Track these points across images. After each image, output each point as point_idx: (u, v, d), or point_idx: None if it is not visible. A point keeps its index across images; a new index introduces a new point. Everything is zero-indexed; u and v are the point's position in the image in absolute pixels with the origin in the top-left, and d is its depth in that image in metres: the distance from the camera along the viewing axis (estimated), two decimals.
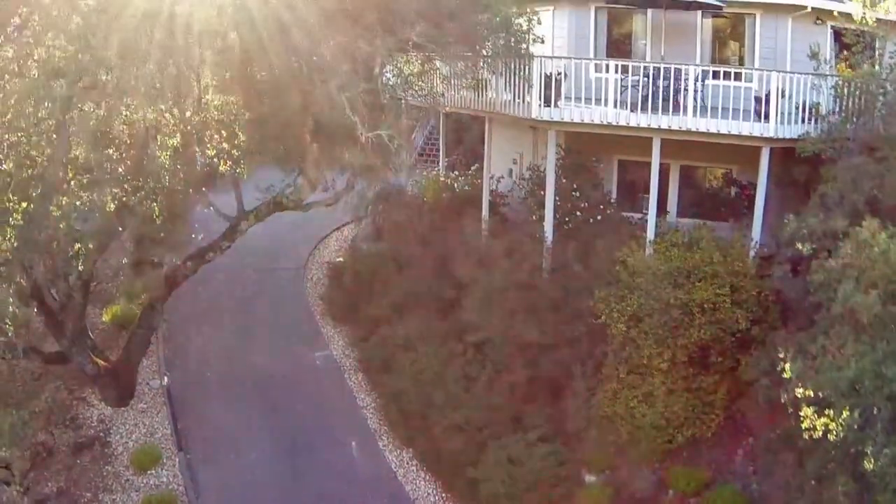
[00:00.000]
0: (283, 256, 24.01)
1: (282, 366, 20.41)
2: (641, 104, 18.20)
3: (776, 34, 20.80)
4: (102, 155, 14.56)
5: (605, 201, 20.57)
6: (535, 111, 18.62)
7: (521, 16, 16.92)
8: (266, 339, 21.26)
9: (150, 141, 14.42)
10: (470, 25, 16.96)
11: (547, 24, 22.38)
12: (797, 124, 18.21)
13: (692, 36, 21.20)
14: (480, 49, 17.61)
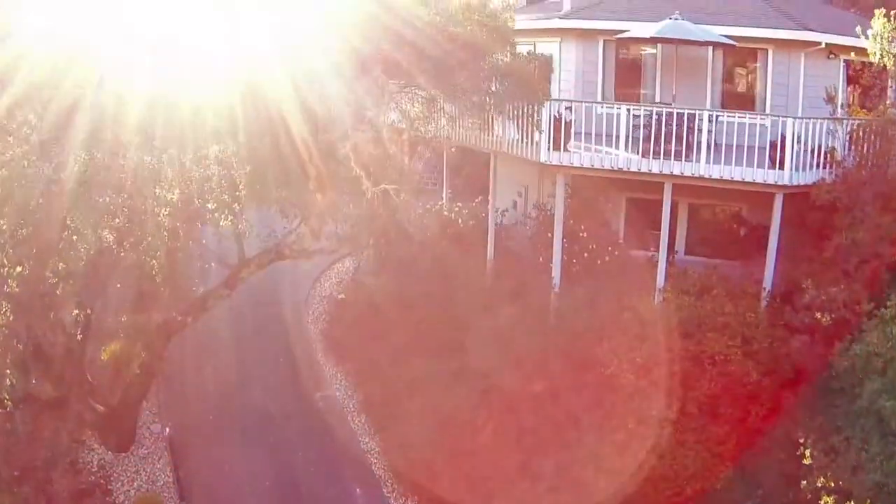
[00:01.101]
0: (283, 289, 23.62)
1: (283, 406, 20.03)
2: (653, 150, 17.80)
3: (789, 69, 20.42)
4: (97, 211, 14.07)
5: (613, 241, 20.22)
6: (544, 155, 18.25)
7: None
8: (267, 378, 20.88)
9: (148, 198, 13.93)
10: (477, 71, 16.56)
11: (553, 55, 22.04)
12: (812, 170, 17.87)
13: (703, 70, 20.80)
14: (487, 90, 17.16)
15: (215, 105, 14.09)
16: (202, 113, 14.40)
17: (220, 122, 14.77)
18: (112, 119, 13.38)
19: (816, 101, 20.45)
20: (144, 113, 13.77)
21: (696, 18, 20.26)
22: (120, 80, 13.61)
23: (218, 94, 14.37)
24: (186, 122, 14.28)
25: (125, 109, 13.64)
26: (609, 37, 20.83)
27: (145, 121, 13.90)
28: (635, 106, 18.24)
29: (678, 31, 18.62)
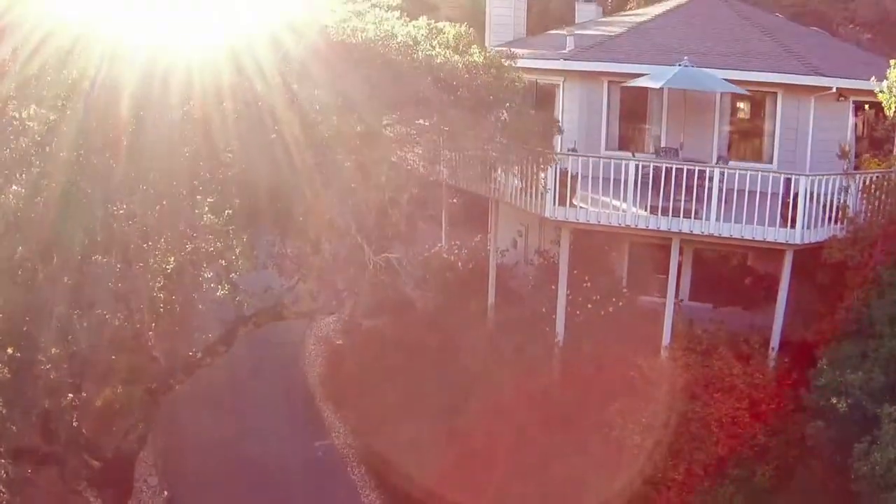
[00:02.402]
0: (280, 329, 23.13)
1: (282, 457, 19.65)
2: (662, 207, 17.35)
3: (798, 112, 19.93)
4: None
5: (617, 288, 19.79)
6: (549, 210, 17.79)
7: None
8: (264, 427, 20.49)
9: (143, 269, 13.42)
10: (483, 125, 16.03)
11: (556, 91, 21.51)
12: (823, 227, 17.48)
13: (711, 112, 20.30)
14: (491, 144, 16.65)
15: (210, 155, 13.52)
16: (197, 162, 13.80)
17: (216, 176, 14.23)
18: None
19: (826, 145, 20.05)
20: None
21: (704, 61, 19.77)
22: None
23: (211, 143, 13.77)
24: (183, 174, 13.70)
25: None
26: (614, 78, 20.30)
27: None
28: (644, 160, 17.69)
29: (688, 82, 18.12)
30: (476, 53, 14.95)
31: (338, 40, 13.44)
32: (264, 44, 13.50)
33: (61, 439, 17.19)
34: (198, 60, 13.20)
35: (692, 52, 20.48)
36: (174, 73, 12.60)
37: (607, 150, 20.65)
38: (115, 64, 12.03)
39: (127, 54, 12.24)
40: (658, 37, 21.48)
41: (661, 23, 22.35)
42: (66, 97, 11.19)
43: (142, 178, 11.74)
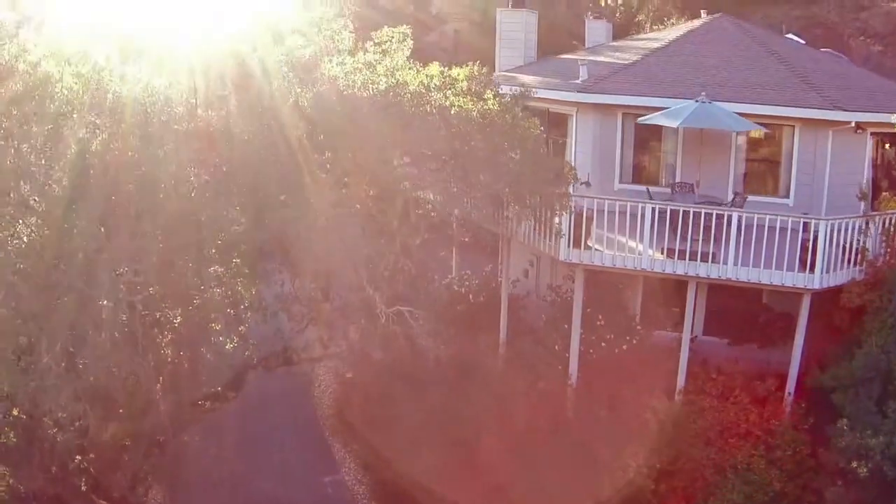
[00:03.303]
0: None
1: (291, 493, 19.44)
2: (679, 251, 17.06)
3: (816, 146, 19.57)
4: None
5: (630, 325, 19.51)
6: (563, 252, 17.49)
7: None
8: (273, 460, 20.27)
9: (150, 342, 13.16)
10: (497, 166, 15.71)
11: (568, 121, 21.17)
12: (842, 270, 17.18)
13: (727, 147, 19.91)
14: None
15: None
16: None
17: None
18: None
19: (843, 178, 19.74)
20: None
21: (721, 93, 19.42)
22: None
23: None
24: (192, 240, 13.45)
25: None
26: (629, 110, 19.94)
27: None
28: (660, 204, 17.35)
29: (706, 120, 17.75)
30: (490, 99, 14.59)
31: (348, 93, 13.11)
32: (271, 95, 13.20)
33: (67, 482, 17.04)
34: (203, 105, 12.94)
35: (708, 83, 20.13)
36: (180, 124, 12.34)
37: (621, 183, 20.32)
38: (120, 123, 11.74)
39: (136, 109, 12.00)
40: (673, 66, 21.09)
41: (676, 50, 21.94)
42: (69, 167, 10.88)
43: (150, 248, 11.45)
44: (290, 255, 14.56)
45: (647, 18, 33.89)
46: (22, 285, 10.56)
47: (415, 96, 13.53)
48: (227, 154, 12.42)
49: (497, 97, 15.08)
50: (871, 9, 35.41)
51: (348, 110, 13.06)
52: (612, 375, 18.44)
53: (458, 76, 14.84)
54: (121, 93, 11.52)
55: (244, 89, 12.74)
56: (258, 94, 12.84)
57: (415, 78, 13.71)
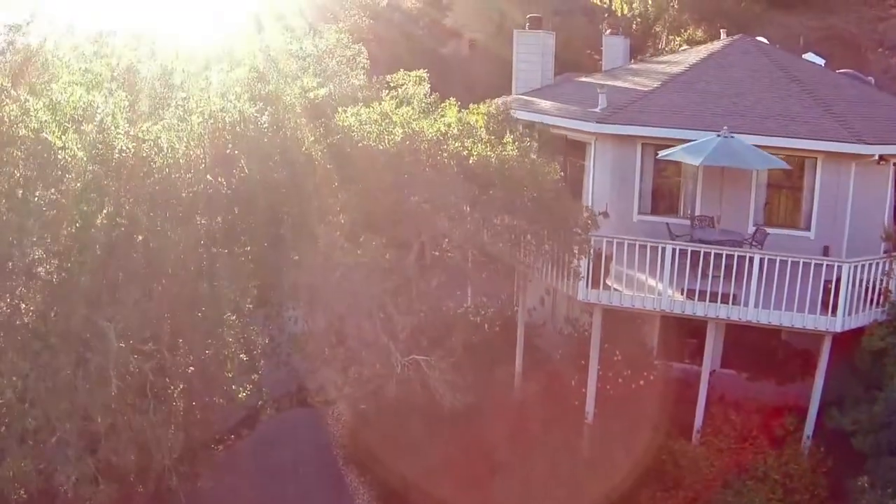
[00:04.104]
0: None
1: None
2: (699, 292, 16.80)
3: (838, 178, 19.22)
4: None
5: (648, 361, 19.29)
6: (582, 293, 17.25)
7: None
8: (289, 491, 20.17)
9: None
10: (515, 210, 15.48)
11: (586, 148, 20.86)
12: (865, 312, 16.91)
13: (748, 177, 19.58)
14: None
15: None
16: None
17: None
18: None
19: (865, 211, 19.42)
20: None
21: (742, 124, 19.10)
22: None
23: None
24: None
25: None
26: (648, 140, 19.63)
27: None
28: (681, 245, 17.08)
29: (728, 157, 17.43)
30: (510, 144, 14.32)
31: (363, 145, 12.87)
32: (284, 148, 12.98)
33: None
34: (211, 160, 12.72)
35: (729, 112, 19.79)
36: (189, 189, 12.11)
37: (640, 214, 20.05)
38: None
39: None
40: (693, 93, 20.74)
41: (696, 75, 21.56)
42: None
43: (159, 312, 11.27)
44: (303, 297, 14.35)
45: (664, 28, 33.44)
46: (24, 364, 10.39)
47: (432, 145, 13.27)
48: (238, 208, 12.18)
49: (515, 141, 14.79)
50: (889, 20, 34.91)
51: (364, 162, 12.82)
52: (628, 413, 18.22)
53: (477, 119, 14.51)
54: (127, 151, 11.28)
55: (255, 145, 12.46)
56: (269, 149, 12.57)
57: (431, 126, 13.44)
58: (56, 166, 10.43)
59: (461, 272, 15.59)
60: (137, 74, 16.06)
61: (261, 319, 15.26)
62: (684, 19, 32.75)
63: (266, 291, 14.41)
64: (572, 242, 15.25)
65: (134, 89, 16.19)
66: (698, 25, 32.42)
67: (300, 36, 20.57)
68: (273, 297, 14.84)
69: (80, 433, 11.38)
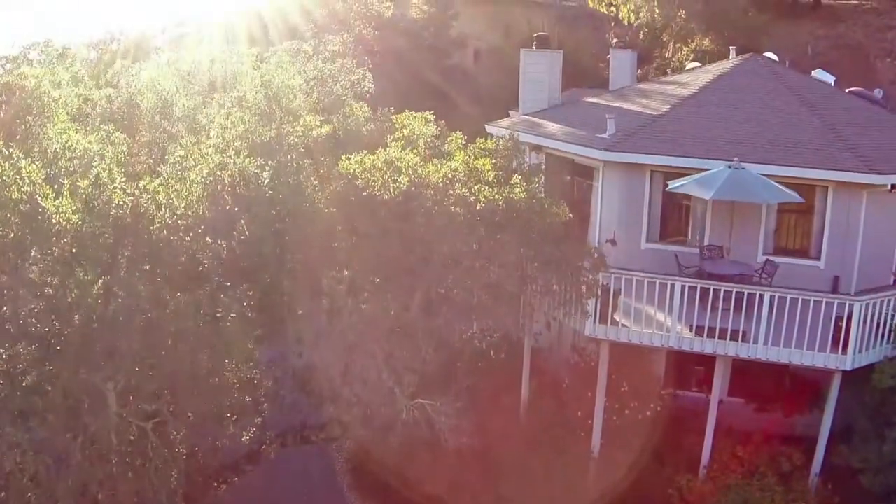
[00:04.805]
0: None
1: None
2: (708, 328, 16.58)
3: (849, 207, 18.94)
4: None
5: (655, 391, 19.08)
6: (589, 328, 17.03)
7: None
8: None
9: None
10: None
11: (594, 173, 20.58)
12: (875, 348, 16.68)
13: (758, 205, 19.25)
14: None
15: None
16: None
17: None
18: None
19: (876, 239, 19.15)
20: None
21: (752, 153, 18.83)
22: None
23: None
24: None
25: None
26: (657, 168, 19.35)
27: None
28: (690, 282, 16.84)
29: (739, 191, 17.17)
30: (518, 187, 14.04)
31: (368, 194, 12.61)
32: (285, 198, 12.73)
33: None
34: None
35: (739, 139, 19.50)
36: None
37: (648, 242, 19.79)
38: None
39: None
40: (702, 119, 20.42)
41: (705, 99, 21.25)
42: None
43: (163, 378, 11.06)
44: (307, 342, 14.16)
45: (671, 38, 33.06)
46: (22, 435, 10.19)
47: (438, 191, 13.01)
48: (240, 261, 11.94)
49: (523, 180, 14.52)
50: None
51: (368, 210, 12.56)
52: (635, 445, 18.04)
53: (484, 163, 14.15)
54: (125, 206, 11.03)
55: (256, 203, 12.20)
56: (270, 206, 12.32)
57: (438, 171, 13.16)
58: (50, 231, 10.18)
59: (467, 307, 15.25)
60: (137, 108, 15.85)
61: (265, 360, 15.05)
62: (692, 29, 32.39)
63: (270, 335, 14.20)
64: (580, 284, 14.96)
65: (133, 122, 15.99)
66: (706, 35, 32.06)
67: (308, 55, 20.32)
68: (277, 342, 14.62)
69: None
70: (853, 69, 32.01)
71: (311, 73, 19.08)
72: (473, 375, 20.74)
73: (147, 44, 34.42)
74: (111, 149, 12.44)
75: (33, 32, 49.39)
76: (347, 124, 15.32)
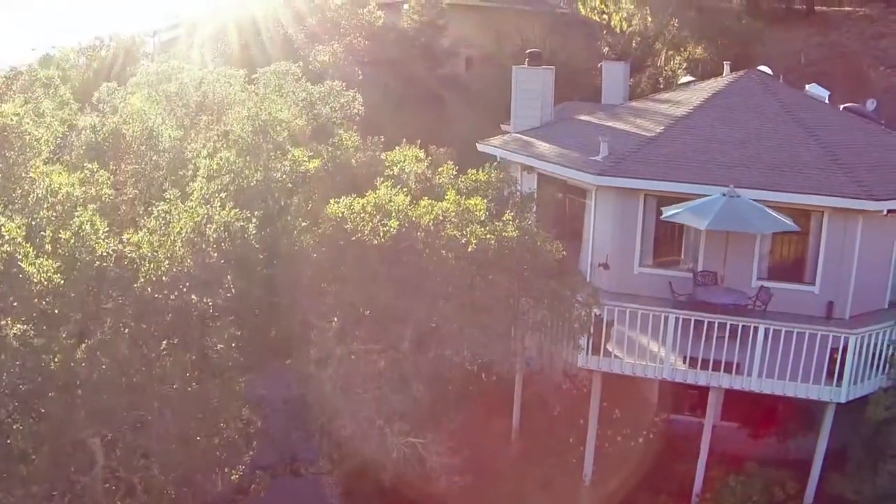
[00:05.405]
0: None
1: None
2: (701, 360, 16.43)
3: (845, 232, 18.78)
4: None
5: (647, 417, 18.93)
6: (582, 359, 16.86)
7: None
8: None
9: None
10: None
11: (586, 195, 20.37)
12: (870, 380, 16.56)
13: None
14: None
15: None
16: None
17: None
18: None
19: (871, 264, 19.02)
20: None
21: (747, 177, 18.70)
22: None
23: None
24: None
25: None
26: (651, 192, 19.13)
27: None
28: (684, 314, 16.66)
29: (734, 221, 17.02)
30: (510, 226, 13.79)
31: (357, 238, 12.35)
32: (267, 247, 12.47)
33: None
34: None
35: (734, 163, 19.30)
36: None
37: (641, 266, 19.60)
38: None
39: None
40: (697, 141, 20.18)
41: (700, 119, 21.01)
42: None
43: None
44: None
45: (664, 46, 32.75)
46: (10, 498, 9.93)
47: (428, 234, 12.76)
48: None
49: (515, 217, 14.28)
50: (891, 36, 34.27)
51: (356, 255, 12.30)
52: (627, 473, 17.93)
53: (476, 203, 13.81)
54: (108, 257, 10.74)
55: (242, 257, 11.91)
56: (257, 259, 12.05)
57: (429, 212, 12.89)
58: (32, 291, 9.90)
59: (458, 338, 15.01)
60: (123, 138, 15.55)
61: (255, 395, 14.83)
62: (684, 37, 32.12)
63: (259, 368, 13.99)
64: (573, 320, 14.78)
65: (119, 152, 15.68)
66: (699, 43, 31.81)
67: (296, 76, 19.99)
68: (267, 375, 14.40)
69: None
70: (846, 79, 31.79)
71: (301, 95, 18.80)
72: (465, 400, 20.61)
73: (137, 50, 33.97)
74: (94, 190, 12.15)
75: (26, 36, 48.95)
76: (336, 156, 15.02)
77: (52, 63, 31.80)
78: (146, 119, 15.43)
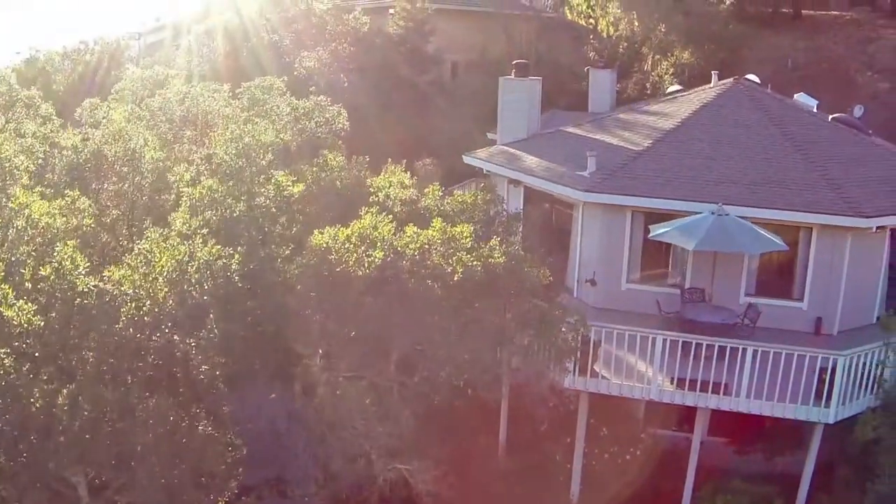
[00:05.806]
0: None
1: None
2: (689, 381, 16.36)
3: (833, 249, 18.78)
4: None
5: (634, 433, 18.87)
6: (568, 380, 16.76)
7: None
8: None
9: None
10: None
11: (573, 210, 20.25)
12: (858, 400, 16.54)
13: None
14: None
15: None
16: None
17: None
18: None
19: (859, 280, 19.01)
20: None
21: (735, 193, 18.63)
22: None
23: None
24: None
25: None
26: (638, 208, 19.03)
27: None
28: (672, 335, 16.58)
29: (722, 240, 16.90)
30: (497, 252, 13.65)
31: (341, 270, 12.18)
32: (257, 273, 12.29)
33: None
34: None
35: (722, 179, 19.23)
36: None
37: (628, 282, 19.53)
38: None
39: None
40: (685, 156, 20.09)
41: (688, 132, 20.90)
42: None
43: None
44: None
45: (651, 51, 32.62)
46: None
47: (413, 263, 12.60)
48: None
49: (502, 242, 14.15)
50: (878, 41, 34.27)
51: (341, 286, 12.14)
52: (614, 491, 17.86)
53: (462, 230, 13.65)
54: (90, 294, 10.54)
55: (225, 294, 11.72)
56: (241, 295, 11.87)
57: (415, 241, 12.73)
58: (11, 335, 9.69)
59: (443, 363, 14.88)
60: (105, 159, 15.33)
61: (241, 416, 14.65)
62: (671, 41, 31.99)
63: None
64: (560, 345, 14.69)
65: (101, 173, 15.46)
66: (686, 48, 31.69)
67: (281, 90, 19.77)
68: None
69: None
70: (833, 84, 31.77)
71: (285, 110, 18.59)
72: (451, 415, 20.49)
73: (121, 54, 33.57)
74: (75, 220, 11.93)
75: (12, 39, 48.46)
76: (321, 178, 14.82)
77: (37, 66, 31.44)
78: (128, 139, 15.20)
